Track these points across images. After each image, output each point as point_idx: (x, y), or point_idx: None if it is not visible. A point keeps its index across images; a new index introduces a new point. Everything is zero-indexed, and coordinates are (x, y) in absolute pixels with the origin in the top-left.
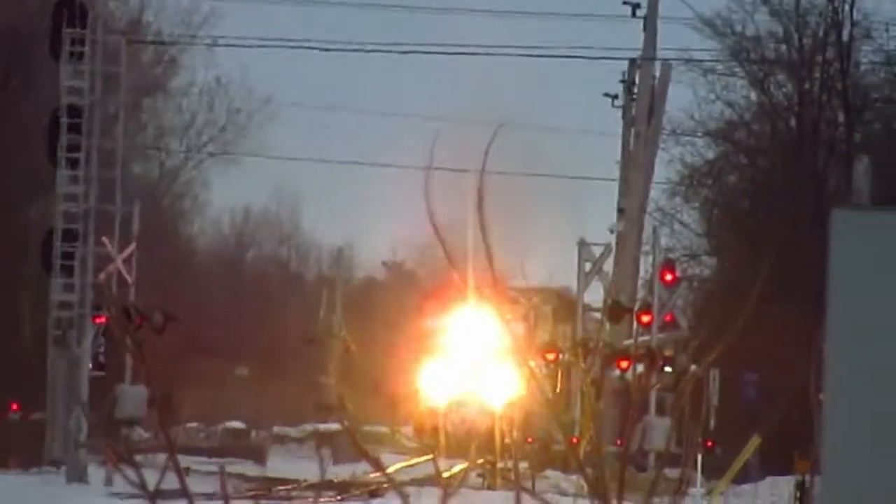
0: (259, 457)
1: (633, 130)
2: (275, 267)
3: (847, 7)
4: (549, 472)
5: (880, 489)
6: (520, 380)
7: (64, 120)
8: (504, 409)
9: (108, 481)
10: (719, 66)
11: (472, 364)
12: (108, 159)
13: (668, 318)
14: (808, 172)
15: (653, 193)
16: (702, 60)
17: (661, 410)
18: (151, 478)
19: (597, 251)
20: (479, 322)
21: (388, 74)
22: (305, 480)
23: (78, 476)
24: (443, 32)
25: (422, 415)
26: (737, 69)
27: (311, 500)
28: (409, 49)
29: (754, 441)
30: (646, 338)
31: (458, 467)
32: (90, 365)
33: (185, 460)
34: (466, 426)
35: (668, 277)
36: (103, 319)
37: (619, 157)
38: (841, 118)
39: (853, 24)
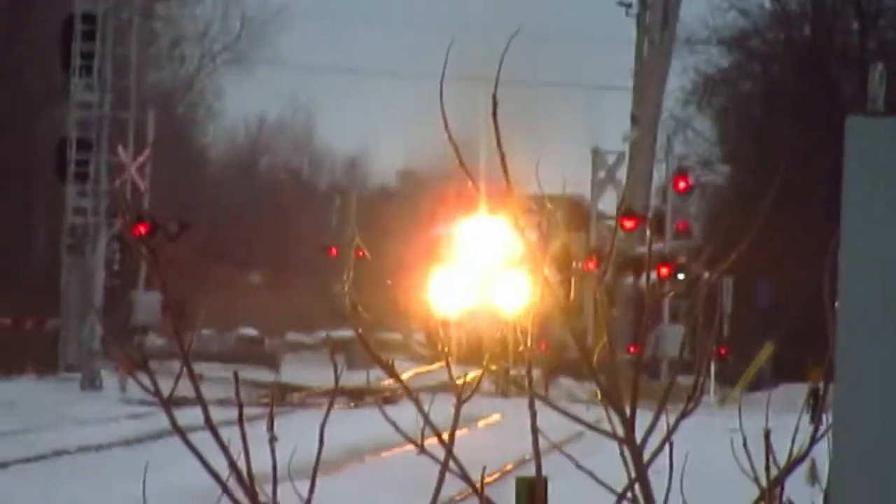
0: (272, 364)
1: (646, 39)
2: (288, 175)
3: None
4: (561, 380)
5: (895, 396)
6: (532, 288)
7: (78, 27)
8: (516, 317)
9: (122, 387)
10: None
11: (483, 273)
12: (122, 67)
13: (680, 226)
14: (822, 80)
15: (667, 102)
16: None
17: (674, 318)
18: (165, 384)
19: (611, 159)
20: (490, 230)
21: None
22: (319, 387)
23: (92, 382)
24: None
25: (433, 323)
26: None
27: (324, 406)
28: None
29: (767, 348)
30: (659, 245)
31: (472, 374)
32: (104, 272)
33: (198, 367)
34: (478, 335)
35: (682, 185)
36: (118, 226)
37: (633, 65)
38: (855, 26)
39: None
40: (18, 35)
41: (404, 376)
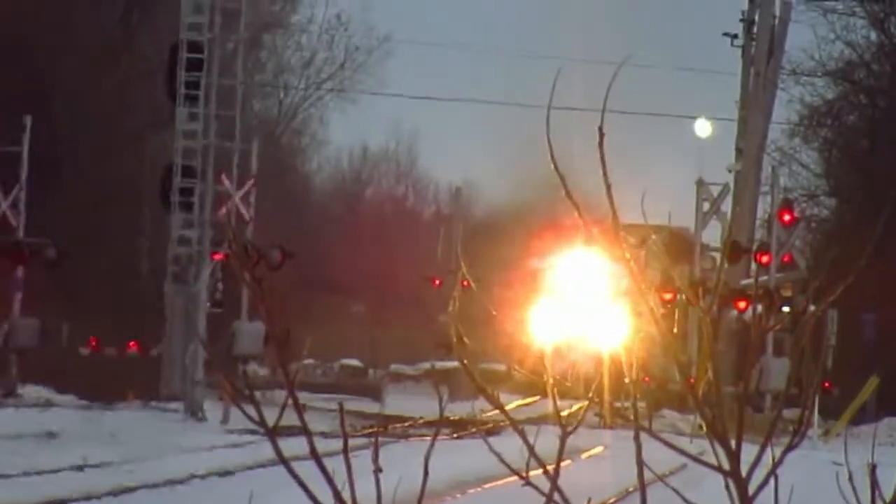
0: (376, 394)
1: (752, 70)
2: (392, 204)
3: None
4: (665, 412)
5: None
6: (630, 321)
7: (183, 55)
8: (615, 350)
9: (225, 418)
10: (840, 6)
11: (580, 306)
12: (227, 96)
13: (786, 258)
14: None
15: (772, 133)
16: (822, 0)
17: (778, 351)
18: (268, 414)
19: (715, 191)
20: (588, 262)
21: (510, 12)
22: (422, 418)
23: (194, 412)
24: None
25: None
26: (857, 8)
27: (427, 437)
28: None
29: (872, 382)
30: (764, 278)
31: (576, 406)
32: (208, 301)
33: (302, 397)
34: (575, 370)
35: (787, 218)
36: (221, 256)
37: (738, 96)
38: None
39: None
40: (127, 59)
41: (508, 407)
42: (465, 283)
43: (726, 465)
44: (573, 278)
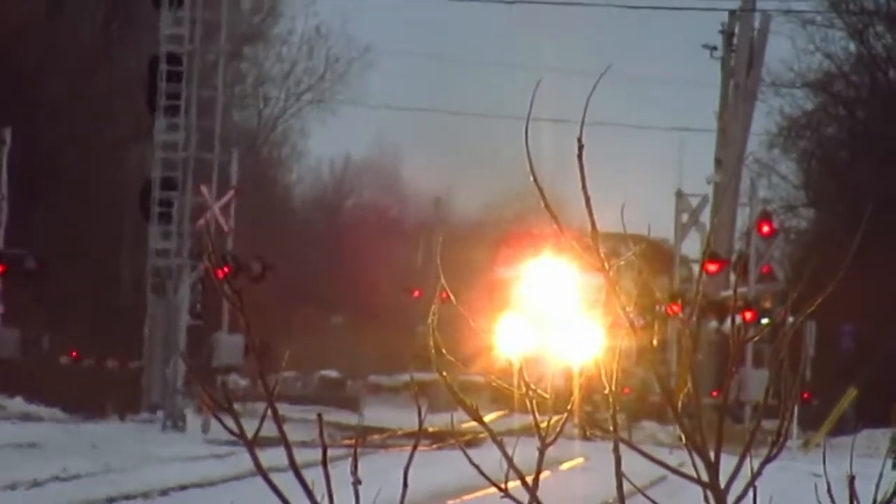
0: (354, 406)
1: (731, 82)
2: (373, 215)
3: None
4: (645, 423)
5: None
6: (612, 331)
7: (163, 68)
8: (587, 363)
9: (205, 429)
10: (818, 18)
11: (548, 318)
12: (207, 107)
13: (764, 269)
14: None
15: (751, 145)
16: (801, 11)
17: (758, 362)
18: (248, 425)
19: (694, 202)
20: (556, 273)
21: (489, 24)
22: (401, 429)
23: (175, 423)
24: None
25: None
26: (836, 20)
27: (406, 448)
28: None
29: (851, 393)
30: (743, 289)
31: (556, 418)
32: (187, 313)
33: (281, 408)
34: (544, 383)
35: (766, 229)
36: (203, 267)
37: (717, 108)
38: None
39: None
40: (107, 70)
41: (487, 419)
42: (444, 294)
43: (705, 477)
44: (542, 288)
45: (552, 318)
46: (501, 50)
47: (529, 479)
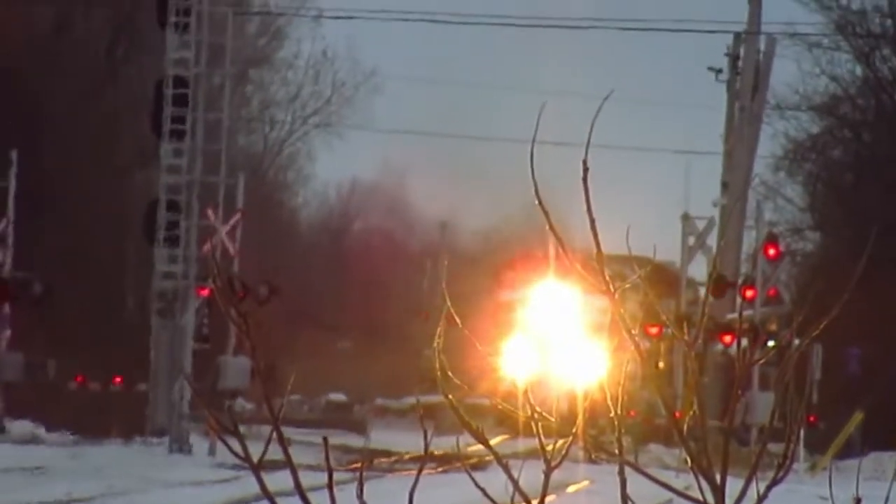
0: (361, 429)
1: (737, 104)
2: (379, 239)
3: None
4: (651, 446)
5: None
6: (616, 354)
7: (169, 91)
8: (591, 386)
9: (212, 452)
10: (824, 41)
11: (552, 340)
12: (213, 131)
13: (771, 292)
14: None
15: (756, 168)
16: (807, 34)
17: (764, 385)
18: (255, 449)
19: (700, 225)
20: (560, 296)
21: (494, 48)
22: (408, 452)
23: (181, 446)
24: (547, 5)
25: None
26: (842, 43)
27: (413, 471)
28: (511, 22)
29: (857, 416)
30: (749, 312)
31: (561, 441)
32: (193, 336)
33: (287, 432)
34: (548, 406)
35: (772, 252)
36: (207, 291)
37: (723, 131)
38: None
39: None
40: (112, 92)
41: (493, 442)
42: (450, 318)
43: (711, 500)
44: (545, 311)
45: (556, 340)
46: (506, 73)
47: (535, 503)
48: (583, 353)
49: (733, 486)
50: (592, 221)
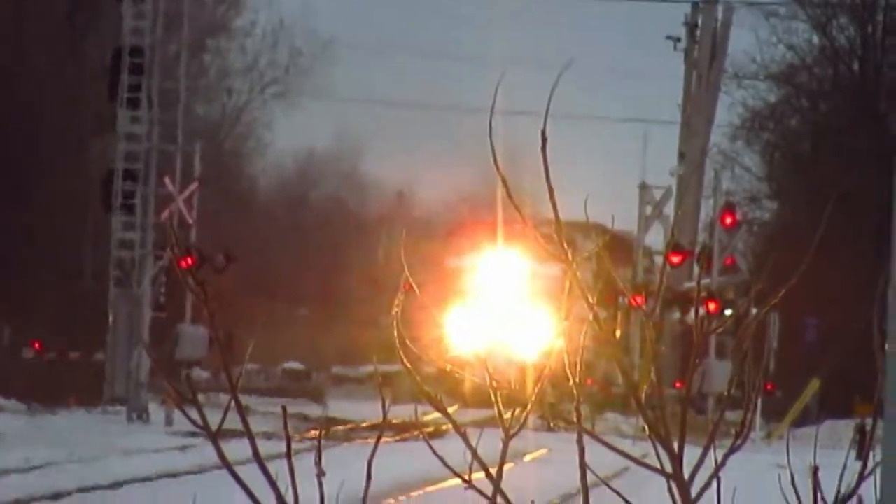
0: (318, 398)
1: (695, 73)
2: (336, 208)
3: None
4: (608, 415)
5: None
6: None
7: (126, 60)
8: (540, 356)
9: (169, 420)
10: (781, 10)
11: (501, 310)
12: (170, 99)
13: (728, 261)
14: (871, 116)
15: (714, 137)
16: (764, 3)
17: (720, 353)
18: (212, 417)
19: (658, 194)
20: (511, 263)
21: (452, 17)
22: (365, 420)
23: (139, 415)
24: None
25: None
26: (799, 12)
27: (371, 440)
28: None
29: (813, 385)
30: (706, 281)
31: (518, 410)
32: (150, 305)
33: (245, 400)
34: (499, 375)
35: (729, 221)
36: (164, 259)
37: (680, 100)
38: None
39: None
40: (71, 61)
41: (451, 410)
42: (407, 285)
43: (669, 468)
44: (494, 278)
45: (505, 308)
46: (465, 43)
47: (493, 471)
48: (534, 321)
49: (691, 454)
50: (551, 190)
